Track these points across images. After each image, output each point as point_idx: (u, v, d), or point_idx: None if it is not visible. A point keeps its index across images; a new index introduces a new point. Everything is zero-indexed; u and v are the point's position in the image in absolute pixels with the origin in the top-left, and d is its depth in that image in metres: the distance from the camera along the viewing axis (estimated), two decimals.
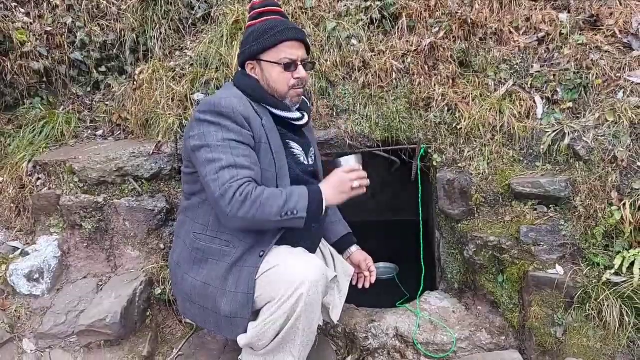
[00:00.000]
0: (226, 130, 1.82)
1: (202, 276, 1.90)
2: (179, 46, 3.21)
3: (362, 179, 1.91)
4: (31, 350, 2.34)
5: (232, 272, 1.86)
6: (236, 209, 1.73)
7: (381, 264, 2.77)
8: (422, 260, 2.71)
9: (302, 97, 2.12)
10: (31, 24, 3.23)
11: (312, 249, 2.12)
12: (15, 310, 2.47)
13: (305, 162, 2.09)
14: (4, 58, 3.08)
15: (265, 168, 1.90)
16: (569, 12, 2.69)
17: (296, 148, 2.06)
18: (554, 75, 2.54)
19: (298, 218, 1.79)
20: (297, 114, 2.06)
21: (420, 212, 2.74)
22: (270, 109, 1.99)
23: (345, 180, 1.88)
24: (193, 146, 1.84)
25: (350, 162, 1.95)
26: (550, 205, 2.36)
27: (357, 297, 2.50)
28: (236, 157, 1.79)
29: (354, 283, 2.34)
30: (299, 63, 1.98)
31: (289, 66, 1.96)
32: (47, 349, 2.36)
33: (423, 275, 2.70)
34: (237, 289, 1.84)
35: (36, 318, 2.47)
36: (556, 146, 2.40)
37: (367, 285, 2.33)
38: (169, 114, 2.73)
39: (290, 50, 1.96)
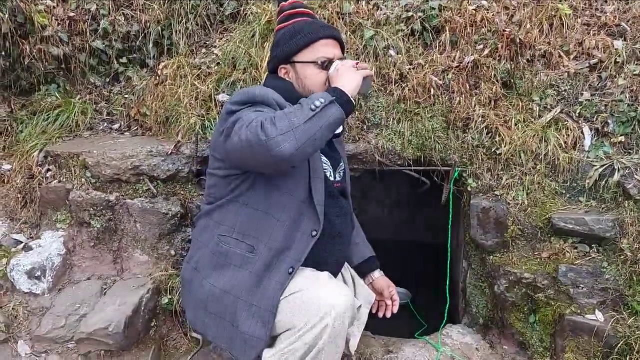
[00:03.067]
0: (260, 107, 1.71)
1: (222, 283, 1.76)
2: (205, 43, 3.08)
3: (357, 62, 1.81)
4: (26, 354, 2.20)
5: (257, 284, 1.72)
6: (270, 131, 1.54)
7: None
8: (447, 291, 2.55)
9: None
10: (54, 7, 3.10)
11: (336, 270, 1.97)
12: (12, 309, 2.32)
13: (332, 179, 1.94)
14: (23, 41, 2.95)
15: (297, 170, 1.77)
16: (624, 39, 2.53)
17: (324, 162, 1.92)
18: (606, 105, 2.38)
19: (330, 104, 1.62)
20: None
21: (450, 239, 2.58)
22: None
23: (344, 65, 1.79)
24: (226, 130, 1.70)
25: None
26: (593, 245, 2.21)
27: (369, 322, 2.35)
28: (265, 114, 1.65)
29: (374, 311, 2.18)
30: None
31: (326, 66, 1.83)
32: (43, 354, 2.21)
33: (447, 307, 2.53)
34: (260, 303, 1.69)
35: (34, 319, 2.32)
36: (604, 182, 2.24)
37: (389, 315, 2.18)
38: (191, 114, 2.58)
39: (326, 49, 1.85)
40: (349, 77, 1.74)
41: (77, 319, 2.25)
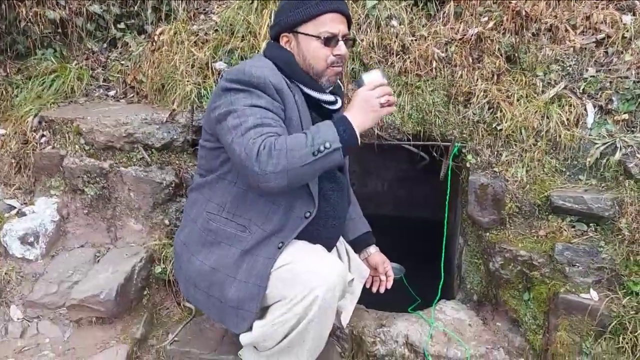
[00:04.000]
0: (256, 97, 1.64)
1: (212, 261, 1.74)
2: (204, 9, 3.01)
3: (388, 94, 1.66)
4: (18, 319, 2.20)
5: (245, 259, 1.70)
6: (265, 164, 1.52)
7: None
8: (442, 267, 2.53)
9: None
10: None
11: (329, 246, 1.95)
12: (5, 274, 2.32)
13: None
14: (19, 3, 2.90)
15: None
16: (634, 14, 2.45)
17: None
18: (611, 82, 2.32)
19: (334, 150, 1.55)
20: (331, 97, 1.86)
21: (447, 216, 2.55)
22: (303, 87, 1.79)
23: (370, 98, 1.64)
24: (218, 115, 1.66)
25: (372, 76, 1.69)
26: (591, 224, 2.17)
27: (362, 296, 2.32)
28: (263, 119, 1.60)
29: (367, 286, 2.17)
30: (340, 38, 1.77)
31: (329, 41, 1.76)
32: (35, 319, 2.22)
33: (441, 283, 2.52)
34: (248, 278, 1.67)
35: (27, 284, 2.32)
36: (605, 160, 2.19)
37: (382, 290, 2.17)
38: (187, 81, 2.54)
39: (332, 24, 1.76)
40: (370, 115, 1.64)
41: (70, 285, 2.25)
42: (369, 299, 2.47)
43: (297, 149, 1.54)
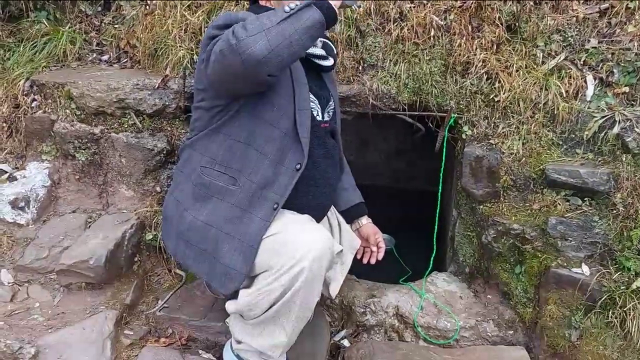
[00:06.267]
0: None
1: (204, 215, 1.71)
2: None
3: None
4: (8, 282, 2.20)
5: (242, 218, 1.67)
6: (240, 34, 1.46)
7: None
8: (434, 238, 2.52)
9: (326, 41, 1.87)
10: None
11: (320, 215, 1.93)
12: None
13: (319, 118, 1.85)
14: None
15: (282, 95, 1.69)
16: None
17: (312, 100, 1.82)
18: (612, 54, 2.26)
19: (306, 7, 1.51)
20: (321, 51, 1.82)
21: (440, 188, 2.52)
22: None
23: None
24: (206, 55, 1.61)
25: None
26: (586, 199, 2.15)
27: (354, 267, 2.32)
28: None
29: (358, 257, 2.16)
30: None
31: None
32: (25, 283, 2.22)
33: (434, 254, 2.51)
34: (243, 237, 1.65)
35: (18, 248, 2.32)
36: (603, 134, 2.15)
37: (373, 262, 2.16)
38: (180, 47, 2.48)
39: None
40: None
41: (60, 250, 2.25)
42: (360, 269, 2.47)
43: (267, 14, 1.51)
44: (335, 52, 2.03)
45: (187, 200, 1.78)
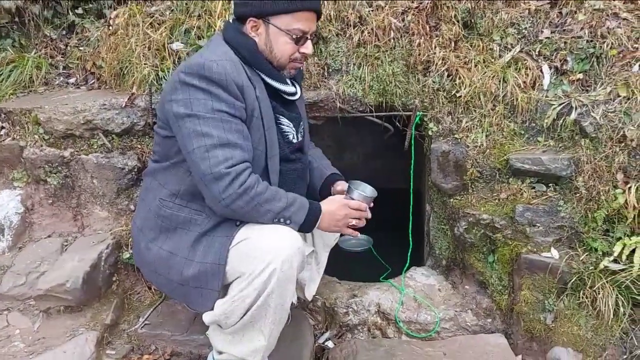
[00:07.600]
0: (217, 100, 1.61)
1: (169, 245, 1.73)
2: None
3: (362, 219, 1.82)
4: None
5: (201, 241, 1.70)
6: (231, 200, 1.59)
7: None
8: (409, 234, 2.56)
9: None
10: None
11: None
12: None
13: (294, 140, 1.90)
14: None
15: (255, 145, 1.71)
16: None
17: (286, 124, 1.86)
18: (565, 42, 2.33)
19: (289, 225, 1.68)
20: (292, 88, 1.85)
21: (412, 184, 2.57)
22: (265, 77, 1.76)
23: (347, 216, 1.79)
24: (176, 113, 1.62)
25: (365, 196, 1.84)
26: (550, 185, 2.21)
27: (335, 268, 2.39)
28: (228, 134, 1.60)
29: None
30: (309, 37, 1.76)
31: (299, 40, 1.74)
32: (4, 311, 2.21)
33: (410, 250, 2.55)
34: (205, 259, 1.67)
35: None
36: (561, 121, 2.22)
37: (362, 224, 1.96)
38: (145, 64, 2.50)
39: (306, 22, 1.73)
40: (335, 228, 1.79)
41: (37, 276, 2.24)
42: (341, 271, 2.50)
43: (266, 208, 1.63)
44: (303, 74, 2.05)
45: (150, 232, 1.79)
